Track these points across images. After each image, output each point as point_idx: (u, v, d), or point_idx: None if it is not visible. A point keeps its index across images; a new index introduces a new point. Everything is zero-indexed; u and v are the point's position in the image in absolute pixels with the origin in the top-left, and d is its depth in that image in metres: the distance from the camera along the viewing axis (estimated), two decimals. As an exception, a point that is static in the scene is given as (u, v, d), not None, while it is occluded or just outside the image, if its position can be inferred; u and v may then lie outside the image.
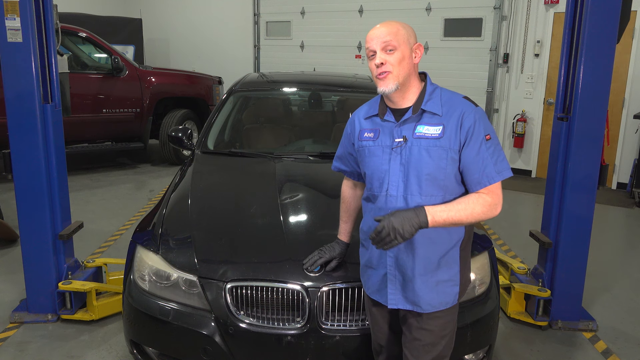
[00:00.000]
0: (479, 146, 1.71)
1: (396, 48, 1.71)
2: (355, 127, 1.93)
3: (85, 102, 6.67)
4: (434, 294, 1.79)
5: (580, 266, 3.22)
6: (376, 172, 1.81)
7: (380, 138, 1.81)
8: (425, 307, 1.80)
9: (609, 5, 2.89)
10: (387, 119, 1.81)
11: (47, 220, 3.11)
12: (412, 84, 1.78)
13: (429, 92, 1.79)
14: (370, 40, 1.74)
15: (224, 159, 3.44)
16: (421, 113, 1.77)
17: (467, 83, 7.54)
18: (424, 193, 1.73)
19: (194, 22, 10.40)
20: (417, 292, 1.79)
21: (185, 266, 2.26)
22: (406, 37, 1.74)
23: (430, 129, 1.73)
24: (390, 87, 1.72)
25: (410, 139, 1.75)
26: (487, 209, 1.71)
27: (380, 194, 1.80)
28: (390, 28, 1.73)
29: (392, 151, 1.77)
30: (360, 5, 8.52)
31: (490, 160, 1.71)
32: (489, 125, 1.76)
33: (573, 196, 3.13)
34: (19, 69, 2.93)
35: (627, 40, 6.46)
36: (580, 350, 3.08)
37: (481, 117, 1.74)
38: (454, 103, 1.76)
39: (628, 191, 6.57)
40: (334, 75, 4.90)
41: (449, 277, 1.81)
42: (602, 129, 3.10)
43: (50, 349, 2.95)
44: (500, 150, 1.75)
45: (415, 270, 1.78)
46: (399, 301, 1.83)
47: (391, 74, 1.72)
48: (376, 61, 1.72)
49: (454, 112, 1.74)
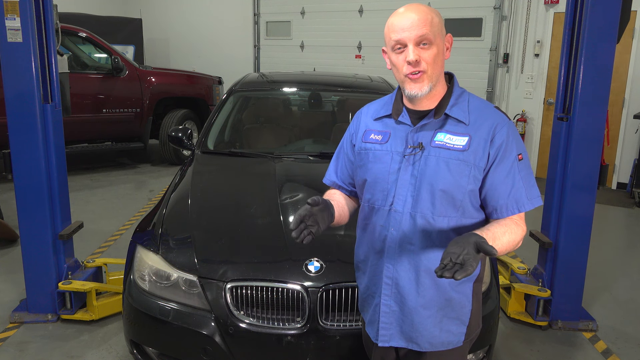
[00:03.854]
0: (510, 167, 1.47)
1: (432, 42, 1.42)
2: (360, 127, 1.66)
3: (85, 102, 6.67)
4: (436, 331, 1.54)
5: (580, 266, 3.22)
6: (380, 182, 1.54)
7: (390, 142, 1.54)
8: (424, 345, 1.55)
9: (609, 5, 2.89)
10: (401, 121, 1.54)
11: (47, 220, 3.11)
12: (439, 84, 1.51)
13: (456, 96, 1.52)
14: (400, 30, 1.42)
15: (224, 159, 3.44)
16: (444, 119, 1.50)
17: (467, 83, 7.52)
18: (437, 213, 1.48)
19: (194, 22, 10.40)
20: (416, 327, 1.53)
21: (185, 266, 2.26)
22: (440, 27, 1.45)
23: (453, 138, 1.47)
24: (424, 89, 1.45)
25: (427, 147, 1.48)
26: (520, 239, 1.48)
27: (383, 208, 1.54)
28: (425, 15, 1.41)
29: (404, 159, 1.50)
30: (360, 5, 8.53)
31: (522, 185, 1.47)
32: (522, 144, 1.51)
33: (573, 196, 3.13)
34: (19, 69, 2.92)
35: (627, 40, 6.46)
36: (580, 350, 3.08)
37: (514, 134, 1.49)
38: (484, 112, 1.50)
39: (628, 191, 6.57)
40: (334, 75, 4.89)
41: (456, 315, 1.55)
42: (602, 129, 3.10)
43: (50, 349, 2.95)
44: (531, 174, 1.52)
45: (419, 302, 1.52)
46: (392, 337, 1.57)
47: (425, 74, 1.44)
48: (410, 57, 1.41)
49: (484, 123, 1.48)
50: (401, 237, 1.51)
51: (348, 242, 2.28)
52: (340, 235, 2.40)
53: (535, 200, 1.51)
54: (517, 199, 1.48)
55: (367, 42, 8.51)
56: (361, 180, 1.63)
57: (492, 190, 1.48)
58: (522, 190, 1.48)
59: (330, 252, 2.28)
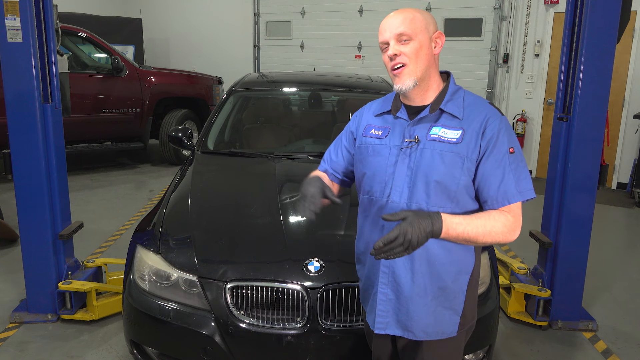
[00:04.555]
0: (501, 159, 1.52)
1: (412, 37, 1.52)
2: (362, 122, 1.75)
3: (85, 102, 6.67)
4: (430, 320, 1.60)
5: (580, 266, 3.22)
6: (379, 174, 1.62)
7: (389, 137, 1.63)
8: (419, 334, 1.61)
9: (609, 5, 2.89)
10: (399, 116, 1.63)
11: (47, 220, 3.11)
12: (432, 80, 1.59)
13: (451, 92, 1.60)
14: (383, 31, 1.55)
15: (224, 159, 3.44)
16: (439, 113, 1.58)
17: (467, 83, 7.52)
18: (432, 203, 1.54)
19: (194, 22, 10.40)
20: (411, 315, 1.60)
21: (185, 266, 2.26)
22: (424, 24, 1.54)
23: (447, 132, 1.54)
24: (407, 83, 1.54)
25: (423, 141, 1.56)
26: (507, 230, 1.52)
27: (381, 199, 1.61)
28: (405, 15, 1.53)
29: (401, 152, 1.58)
30: (360, 5, 8.53)
31: (512, 176, 1.52)
32: (514, 138, 1.56)
33: (573, 196, 3.13)
34: (19, 69, 2.93)
35: (627, 40, 6.46)
36: (580, 350, 3.08)
37: (506, 127, 1.55)
38: (477, 107, 1.58)
39: (628, 191, 6.57)
40: (334, 75, 4.89)
41: (450, 305, 1.61)
42: (602, 129, 3.10)
43: (50, 349, 2.95)
44: (524, 168, 1.55)
45: (414, 290, 1.58)
46: (388, 325, 1.63)
47: (407, 68, 1.53)
48: (389, 52, 1.54)
49: (477, 117, 1.55)
50: None
51: (348, 242, 2.28)
52: (340, 235, 2.40)
53: (526, 192, 1.54)
54: (506, 191, 1.52)
55: (367, 42, 8.51)
56: (360, 173, 1.70)
57: (484, 182, 1.54)
58: (511, 182, 1.52)
59: (330, 252, 2.28)
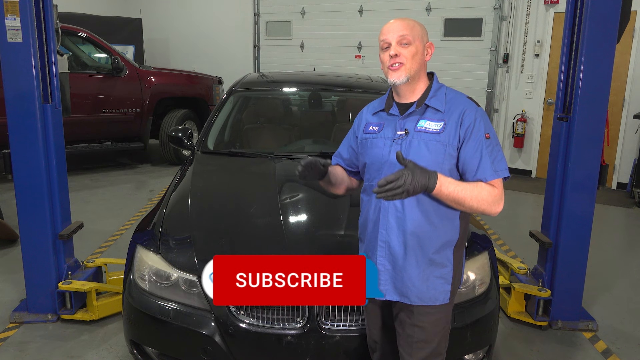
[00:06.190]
0: (478, 144, 1.76)
1: (411, 42, 1.79)
2: (362, 121, 2.00)
3: (85, 102, 6.67)
4: (423, 287, 1.81)
5: (580, 266, 3.22)
6: (375, 163, 1.87)
7: (384, 131, 1.88)
8: (414, 299, 1.82)
9: (609, 5, 2.89)
10: (392, 113, 1.88)
11: (47, 220, 3.11)
12: (420, 80, 1.86)
13: (434, 89, 1.86)
14: (386, 32, 1.81)
15: (224, 159, 3.44)
16: (425, 108, 1.83)
17: (467, 83, 7.54)
18: None
19: (193, 22, 10.40)
20: (406, 283, 1.81)
21: (185, 266, 2.26)
22: (421, 33, 1.82)
23: (431, 124, 1.79)
24: (401, 78, 1.79)
25: (411, 132, 1.80)
26: (491, 199, 1.73)
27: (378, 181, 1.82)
28: (407, 23, 1.81)
29: (393, 143, 1.83)
30: (360, 5, 8.53)
31: (488, 159, 1.75)
32: (490, 125, 1.81)
33: (573, 196, 3.13)
34: (19, 69, 2.92)
35: (627, 40, 6.46)
36: (580, 350, 3.08)
37: (482, 117, 1.80)
38: (456, 101, 1.83)
39: (628, 191, 6.57)
40: (334, 75, 4.89)
41: (440, 274, 1.83)
42: (602, 129, 3.10)
43: (50, 349, 2.95)
44: (499, 151, 1.79)
45: (407, 261, 1.80)
46: (387, 292, 1.85)
47: (404, 66, 1.79)
48: (391, 52, 1.79)
49: (456, 110, 1.80)
50: (391, 206, 1.81)
51: (348, 242, 2.29)
52: (340, 235, 2.40)
53: (501, 172, 1.77)
54: (484, 170, 1.75)
55: (367, 42, 8.51)
56: (362, 164, 1.97)
57: (465, 164, 1.78)
58: (488, 163, 1.75)
59: (330, 252, 2.27)
